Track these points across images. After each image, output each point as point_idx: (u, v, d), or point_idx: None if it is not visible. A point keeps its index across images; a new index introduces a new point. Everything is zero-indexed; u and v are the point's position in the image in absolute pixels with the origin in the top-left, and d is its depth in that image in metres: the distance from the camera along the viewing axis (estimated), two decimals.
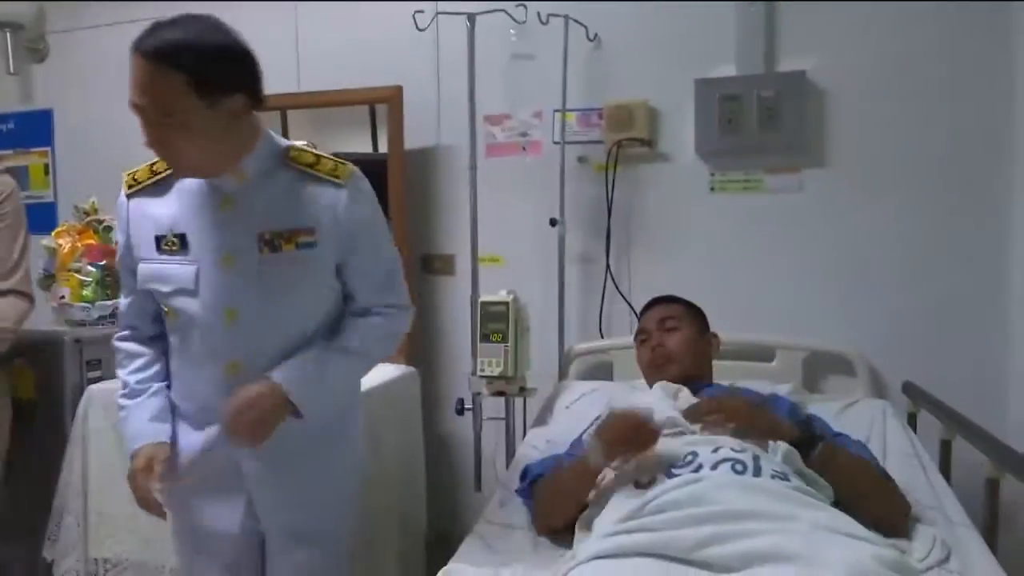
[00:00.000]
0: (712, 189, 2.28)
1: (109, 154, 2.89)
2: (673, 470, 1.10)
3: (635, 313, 2.30)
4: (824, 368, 2.19)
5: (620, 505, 1.08)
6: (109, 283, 2.29)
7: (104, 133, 2.82)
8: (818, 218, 2.19)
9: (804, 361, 2.16)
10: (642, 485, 1.09)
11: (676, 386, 1.48)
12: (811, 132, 2.17)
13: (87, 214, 2.40)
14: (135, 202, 1.34)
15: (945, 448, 1.77)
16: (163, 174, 1.33)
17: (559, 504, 1.31)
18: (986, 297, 2.08)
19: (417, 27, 2.18)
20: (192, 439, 1.35)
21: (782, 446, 1.21)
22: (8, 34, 2.86)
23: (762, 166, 2.23)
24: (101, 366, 2.20)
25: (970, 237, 2.09)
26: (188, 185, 1.31)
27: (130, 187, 1.34)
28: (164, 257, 1.31)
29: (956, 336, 2.10)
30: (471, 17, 2.15)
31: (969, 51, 2.06)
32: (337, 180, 1.29)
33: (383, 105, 2.44)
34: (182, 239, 1.29)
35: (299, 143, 1.38)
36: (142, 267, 1.32)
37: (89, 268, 2.29)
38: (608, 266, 2.34)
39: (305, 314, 1.32)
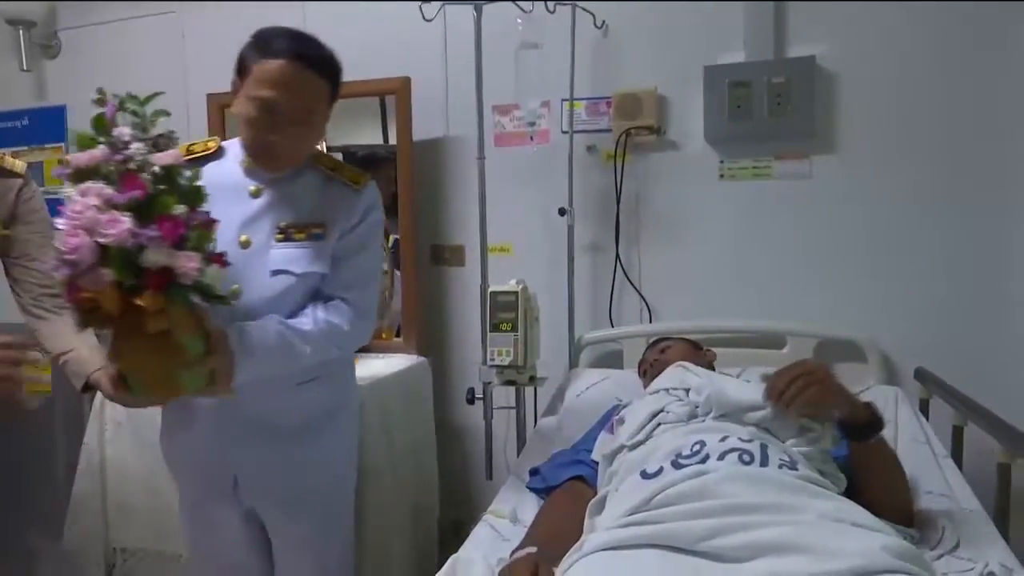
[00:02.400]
0: (721, 176, 2.27)
1: None
2: (680, 460, 1.10)
3: (645, 301, 2.31)
4: (836, 355, 2.18)
5: (628, 496, 1.08)
6: None
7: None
8: (828, 204, 2.17)
9: (816, 348, 2.15)
10: (648, 475, 1.09)
11: (691, 365, 1.48)
12: (821, 118, 2.15)
13: None
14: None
15: (957, 434, 1.76)
16: (198, 155, 1.42)
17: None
18: (998, 283, 2.06)
19: (424, 17, 2.18)
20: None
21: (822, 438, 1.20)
22: (20, 31, 2.87)
23: (771, 152, 2.21)
24: None
25: (982, 223, 2.07)
26: (215, 171, 1.36)
27: (187, 157, 1.36)
28: None
29: (969, 322, 2.08)
30: (477, 7, 2.14)
31: (983, 35, 2.03)
32: (356, 186, 1.45)
33: (392, 96, 2.44)
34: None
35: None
36: None
37: None
38: (618, 254, 2.34)
39: (295, 300, 1.40)
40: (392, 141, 2.47)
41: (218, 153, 1.45)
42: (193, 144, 1.45)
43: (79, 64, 2.94)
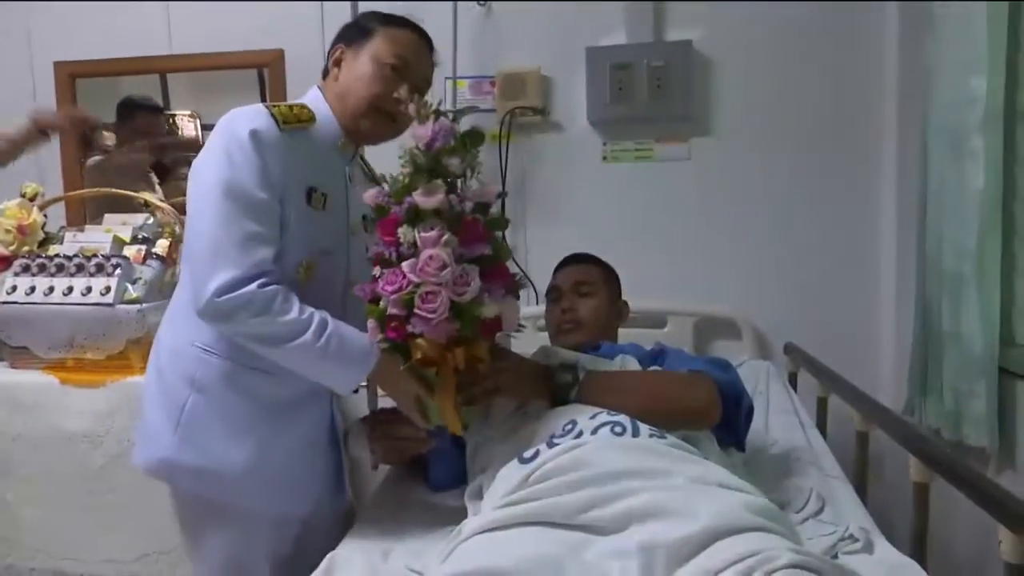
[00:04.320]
0: (604, 158, 2.29)
1: None
2: (554, 439, 1.09)
3: (531, 283, 2.31)
4: (713, 332, 2.26)
5: (506, 479, 1.07)
6: None
7: None
8: (705, 186, 2.24)
9: (695, 326, 2.22)
10: (526, 460, 1.08)
11: (558, 350, 1.47)
12: (698, 101, 2.21)
13: None
14: (287, 138, 1.19)
15: (821, 405, 1.86)
16: (302, 124, 1.23)
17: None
18: (860, 263, 2.19)
19: None
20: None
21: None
22: None
23: (652, 135, 2.25)
24: None
25: (847, 206, 2.19)
26: (316, 142, 1.25)
27: (286, 120, 1.20)
28: (313, 211, 1.24)
29: (835, 299, 2.20)
30: None
31: (846, 23, 2.14)
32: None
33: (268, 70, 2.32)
34: (325, 198, 1.25)
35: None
36: (293, 214, 1.20)
37: None
38: (503, 236, 2.31)
39: None
40: None
41: (312, 121, 1.26)
42: (292, 108, 1.24)
43: None
